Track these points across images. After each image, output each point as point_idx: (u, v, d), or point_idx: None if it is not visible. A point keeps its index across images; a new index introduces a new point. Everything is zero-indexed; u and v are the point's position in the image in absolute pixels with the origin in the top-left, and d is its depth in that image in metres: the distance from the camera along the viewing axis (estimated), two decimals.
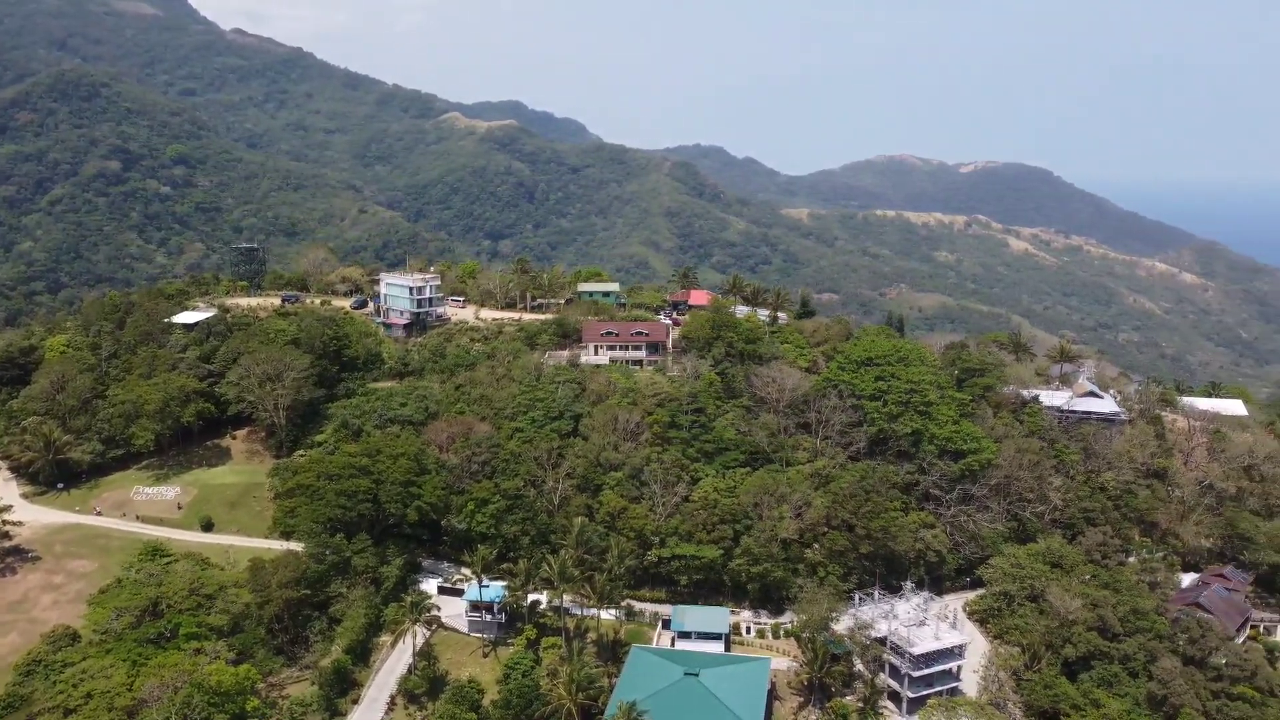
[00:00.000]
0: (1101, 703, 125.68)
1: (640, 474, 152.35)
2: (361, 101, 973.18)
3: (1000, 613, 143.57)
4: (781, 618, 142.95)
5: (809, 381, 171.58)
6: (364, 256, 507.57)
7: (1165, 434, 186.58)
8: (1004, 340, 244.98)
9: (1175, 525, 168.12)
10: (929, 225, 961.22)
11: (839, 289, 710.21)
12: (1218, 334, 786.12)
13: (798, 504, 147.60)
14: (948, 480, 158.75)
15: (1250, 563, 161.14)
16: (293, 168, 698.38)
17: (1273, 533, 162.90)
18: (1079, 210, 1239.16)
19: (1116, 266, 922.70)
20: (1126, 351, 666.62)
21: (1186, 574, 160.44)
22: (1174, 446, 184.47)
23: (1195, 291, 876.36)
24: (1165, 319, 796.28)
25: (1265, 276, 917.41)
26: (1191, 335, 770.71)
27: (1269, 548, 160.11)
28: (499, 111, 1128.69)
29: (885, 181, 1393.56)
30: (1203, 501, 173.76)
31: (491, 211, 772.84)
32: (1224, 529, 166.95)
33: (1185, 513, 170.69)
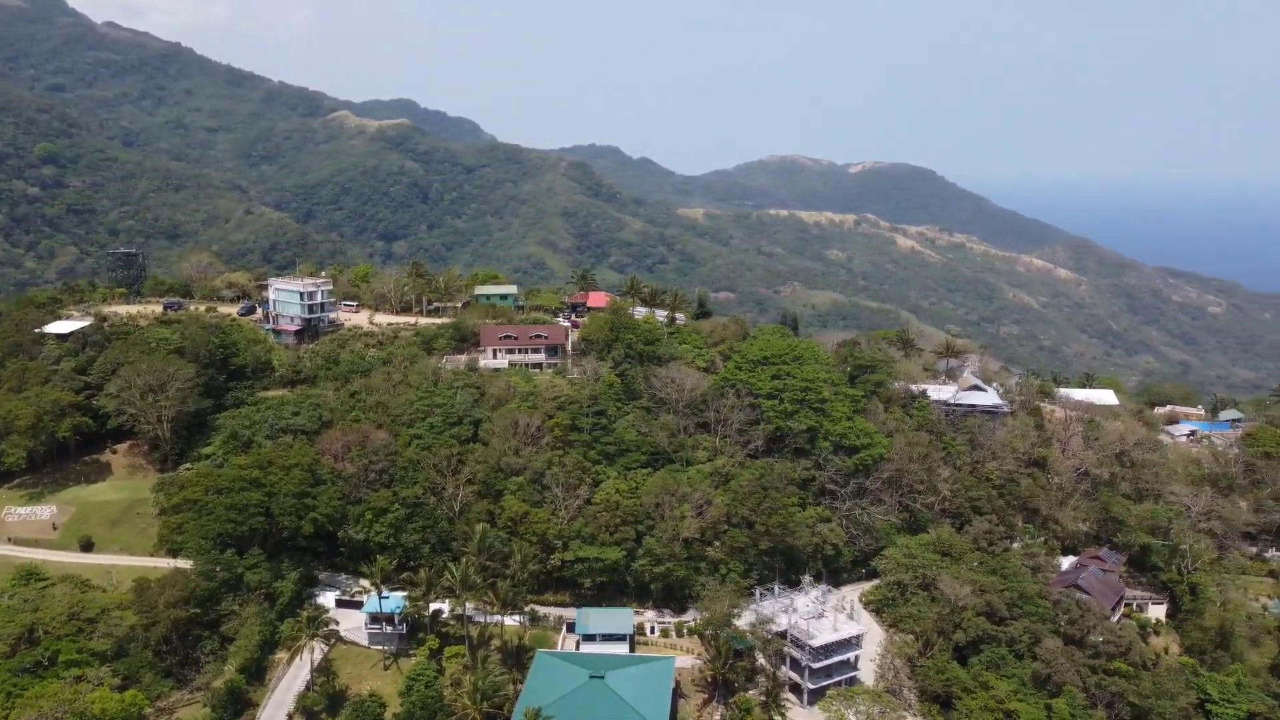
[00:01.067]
0: (990, 684, 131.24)
1: (542, 478, 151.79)
2: (245, 99, 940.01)
3: (894, 602, 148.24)
4: (685, 616, 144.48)
5: (707, 381, 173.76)
6: (251, 259, 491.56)
7: (1044, 424, 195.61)
8: (893, 337, 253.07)
9: (1055, 511, 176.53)
10: (820, 224, 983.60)
11: (735, 287, 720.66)
12: (1090, 326, 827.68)
13: (699, 503, 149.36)
14: (842, 475, 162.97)
15: (1123, 544, 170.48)
16: (173, 167, 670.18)
17: (1143, 515, 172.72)
18: (961, 209, 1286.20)
19: (997, 263, 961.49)
20: (1008, 344, 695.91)
21: (1066, 557, 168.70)
22: (1052, 436, 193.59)
23: (1069, 286, 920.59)
24: (1043, 313, 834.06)
25: (1132, 271, 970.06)
26: (1067, 328, 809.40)
27: (1139, 529, 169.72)
28: (390, 110, 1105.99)
29: (778, 181, 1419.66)
30: (1079, 488, 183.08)
31: (384, 212, 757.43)
32: (1099, 513, 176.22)
33: (1064, 499, 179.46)
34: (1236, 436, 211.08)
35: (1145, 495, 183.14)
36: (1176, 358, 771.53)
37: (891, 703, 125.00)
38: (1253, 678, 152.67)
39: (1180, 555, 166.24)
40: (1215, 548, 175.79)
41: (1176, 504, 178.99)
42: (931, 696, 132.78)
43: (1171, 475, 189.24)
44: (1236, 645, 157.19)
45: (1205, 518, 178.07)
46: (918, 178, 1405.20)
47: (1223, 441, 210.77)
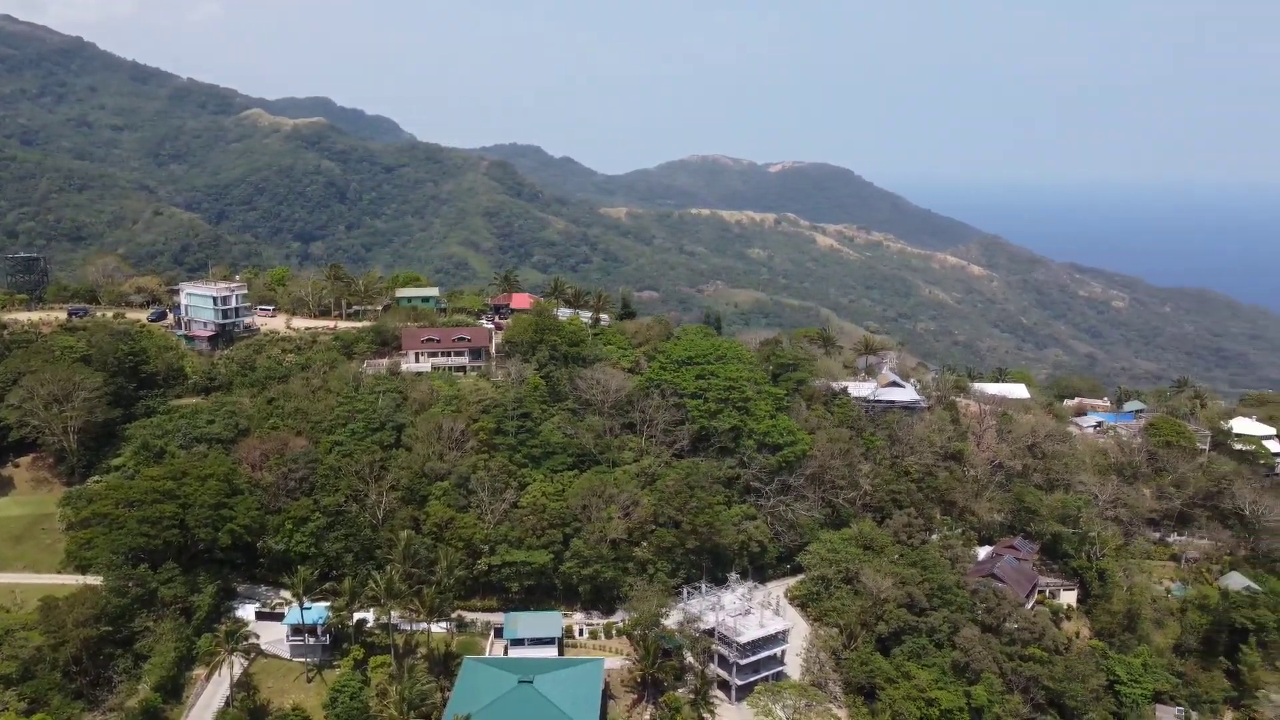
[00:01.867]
0: (912, 674, 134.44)
1: (467, 482, 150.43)
2: (153, 96, 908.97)
3: (819, 596, 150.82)
4: (613, 617, 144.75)
5: (632, 382, 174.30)
6: (161, 262, 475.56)
7: (960, 419, 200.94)
8: (814, 335, 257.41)
9: (971, 503, 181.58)
10: (742, 223, 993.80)
11: (658, 286, 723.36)
12: (1002, 321, 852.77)
13: (625, 504, 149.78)
14: (767, 472, 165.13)
15: (1036, 533, 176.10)
16: (76, 167, 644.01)
17: (1054, 505, 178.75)
18: (879, 208, 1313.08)
19: (913, 260, 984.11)
20: (924, 340, 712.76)
21: (982, 547, 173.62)
22: (968, 430, 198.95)
23: (982, 282, 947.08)
24: (957, 308, 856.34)
25: (1040, 267, 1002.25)
26: (980, 323, 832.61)
27: (1051, 519, 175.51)
28: (305, 108, 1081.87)
29: (699, 181, 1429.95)
30: (994, 479, 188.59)
31: (301, 212, 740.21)
32: (1012, 503, 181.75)
33: (979, 490, 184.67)
34: (1140, 427, 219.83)
35: (1056, 485, 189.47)
36: (1083, 350, 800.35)
37: (817, 696, 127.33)
38: (1157, 658, 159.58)
39: (1089, 542, 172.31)
40: (1121, 534, 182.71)
41: (1085, 493, 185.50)
42: (856, 688, 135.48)
43: (1080, 465, 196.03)
44: (1142, 627, 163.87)
45: (1112, 506, 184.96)
46: (836, 177, 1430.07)
47: (1127, 432, 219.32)
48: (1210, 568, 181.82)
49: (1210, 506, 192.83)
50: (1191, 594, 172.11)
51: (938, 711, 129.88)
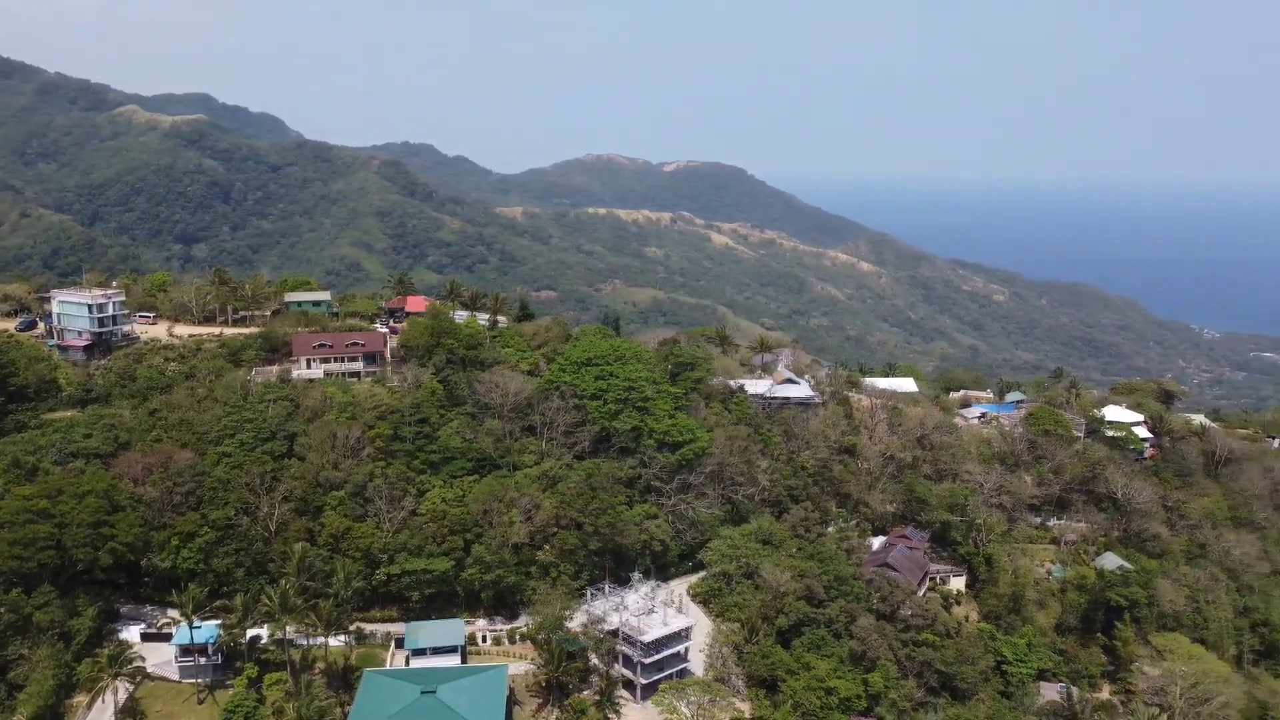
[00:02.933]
0: (812, 664, 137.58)
1: (364, 491, 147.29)
2: (17, 91, 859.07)
3: (721, 592, 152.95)
4: (517, 622, 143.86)
5: (532, 384, 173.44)
6: (29, 266, 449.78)
7: (853, 413, 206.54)
8: (712, 334, 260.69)
9: (865, 494, 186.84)
10: (638, 222, 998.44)
11: (556, 286, 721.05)
12: (891, 316, 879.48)
13: (527, 507, 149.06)
14: (667, 471, 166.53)
15: (926, 522, 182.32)
16: None
17: (942, 494, 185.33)
18: (771, 206, 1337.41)
19: (805, 258, 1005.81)
20: (818, 335, 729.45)
21: (876, 537, 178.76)
22: (860, 424, 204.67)
23: (872, 278, 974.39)
24: (848, 304, 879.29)
25: (926, 263, 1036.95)
26: (870, 318, 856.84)
27: (940, 507, 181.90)
28: (185, 105, 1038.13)
29: (595, 180, 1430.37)
30: (886, 471, 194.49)
31: (182, 213, 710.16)
32: (904, 494, 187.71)
33: (872, 483, 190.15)
34: (1020, 416, 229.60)
35: (944, 475, 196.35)
36: (967, 343, 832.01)
37: (721, 691, 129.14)
38: (1040, 637, 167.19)
39: (976, 529, 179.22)
40: (1005, 520, 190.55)
41: (971, 482, 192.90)
42: (758, 681, 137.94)
43: (966, 456, 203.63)
44: (1026, 609, 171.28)
45: (996, 493, 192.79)
46: (729, 176, 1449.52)
47: (1009, 421, 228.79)
48: (1087, 549, 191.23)
49: (1086, 491, 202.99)
50: (1070, 575, 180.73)
51: (836, 700, 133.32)
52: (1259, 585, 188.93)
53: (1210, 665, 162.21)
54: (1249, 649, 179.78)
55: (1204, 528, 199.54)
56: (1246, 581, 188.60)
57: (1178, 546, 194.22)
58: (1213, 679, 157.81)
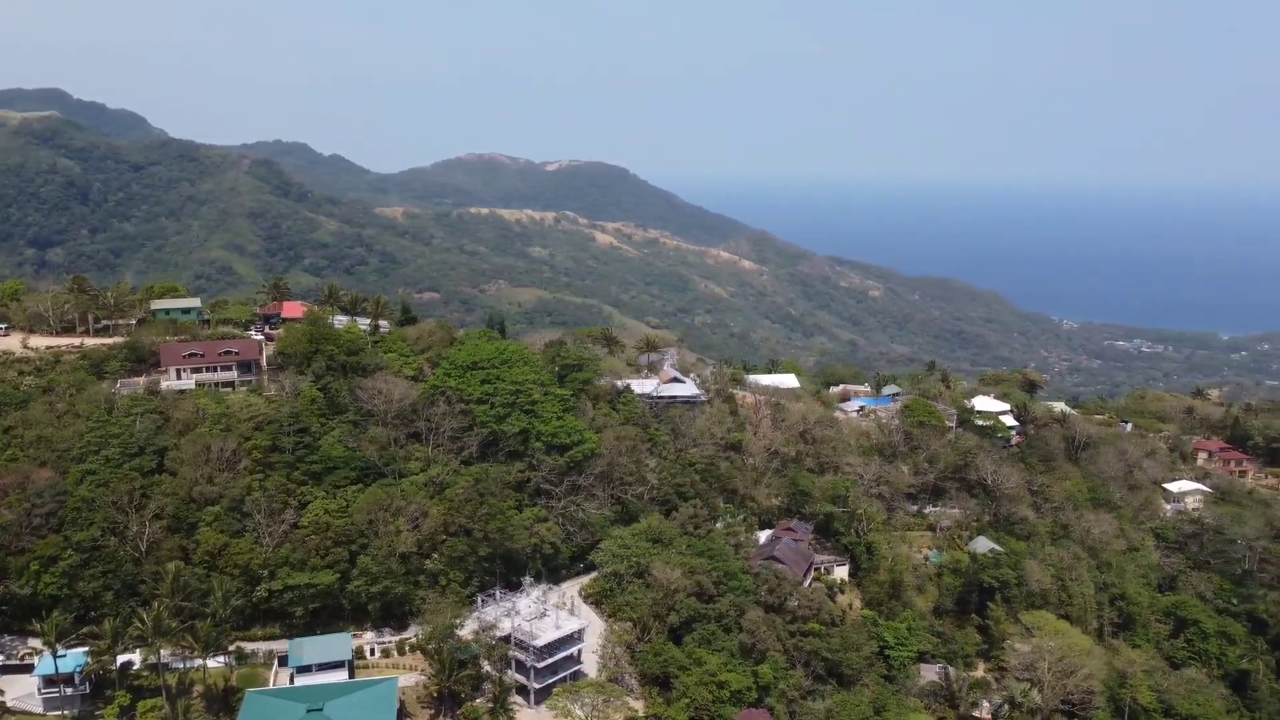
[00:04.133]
0: (703, 660, 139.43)
1: (241, 505, 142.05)
2: None
3: (612, 592, 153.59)
4: (406, 633, 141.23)
5: (416, 390, 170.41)
6: None
7: (738, 410, 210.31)
8: (598, 335, 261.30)
9: (751, 489, 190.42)
10: (522, 222, 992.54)
11: (439, 287, 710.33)
12: (773, 312, 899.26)
13: (414, 515, 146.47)
14: (556, 474, 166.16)
15: (810, 514, 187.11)
16: None
17: (825, 487, 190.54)
18: (653, 205, 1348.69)
19: (689, 256, 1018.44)
20: (702, 333, 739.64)
21: (763, 531, 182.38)
22: (745, 420, 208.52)
23: (753, 276, 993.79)
24: (731, 301, 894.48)
25: (805, 261, 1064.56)
26: (753, 315, 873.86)
27: (823, 499, 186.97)
28: (36, 101, 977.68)
29: (477, 179, 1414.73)
30: (771, 466, 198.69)
31: (35, 216, 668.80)
32: (789, 487, 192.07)
33: (758, 478, 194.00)
34: (897, 409, 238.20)
35: (826, 468, 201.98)
36: (846, 337, 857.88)
37: (615, 690, 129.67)
38: (920, 621, 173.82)
39: (857, 519, 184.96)
40: (885, 509, 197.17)
41: (852, 474, 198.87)
42: (651, 679, 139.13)
43: (847, 448, 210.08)
44: (906, 594, 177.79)
45: (876, 484, 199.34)
46: (612, 176, 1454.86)
47: (886, 414, 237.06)
48: (961, 534, 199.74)
49: (959, 479, 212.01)
50: (946, 559, 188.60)
51: (728, 693, 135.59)
52: (1116, 561, 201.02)
53: (1075, 639, 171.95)
54: (1109, 622, 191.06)
55: (1066, 509, 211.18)
56: (1105, 559, 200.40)
57: (1043, 528, 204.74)
58: (1077, 652, 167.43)
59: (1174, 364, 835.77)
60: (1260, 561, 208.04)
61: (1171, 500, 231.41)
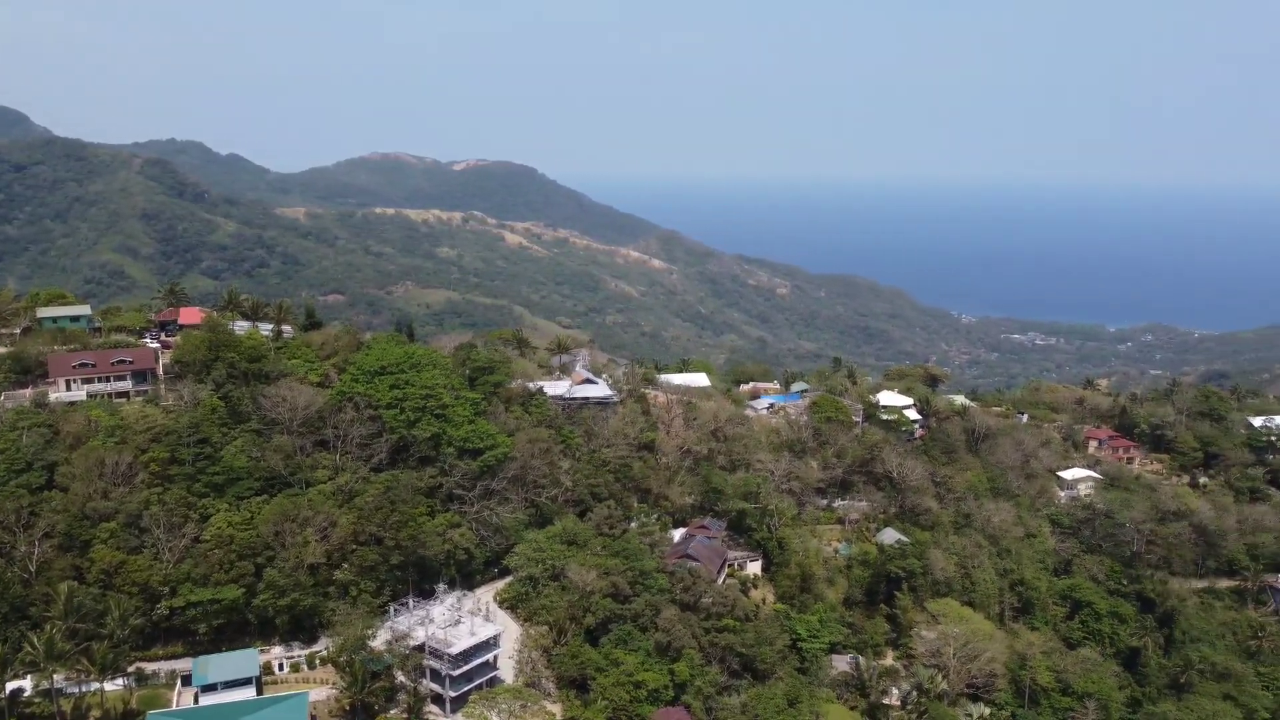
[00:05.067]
0: (620, 660, 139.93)
1: (139, 520, 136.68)
2: None
3: (528, 596, 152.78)
4: (316, 646, 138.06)
5: (323, 396, 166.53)
6: None
7: (650, 410, 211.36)
8: (508, 336, 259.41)
9: (664, 489, 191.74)
10: (429, 222, 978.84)
11: (345, 289, 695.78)
12: (683, 311, 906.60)
13: (322, 525, 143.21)
14: (469, 478, 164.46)
15: (723, 511, 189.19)
16: None
17: (737, 484, 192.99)
18: (563, 205, 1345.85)
19: (599, 256, 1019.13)
20: (614, 332, 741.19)
21: (677, 529, 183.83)
22: (658, 420, 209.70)
23: (663, 275, 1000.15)
24: (642, 300, 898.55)
25: (714, 260, 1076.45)
26: (664, 314, 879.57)
27: (735, 497, 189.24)
28: None
29: (382, 179, 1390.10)
30: (683, 465, 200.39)
31: None
32: (701, 485, 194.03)
33: (671, 476, 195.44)
34: (805, 405, 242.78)
35: (738, 465, 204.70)
36: (755, 335, 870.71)
37: (531, 695, 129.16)
38: (830, 612, 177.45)
39: (769, 515, 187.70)
40: (795, 504, 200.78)
41: (763, 470, 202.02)
42: (569, 681, 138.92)
43: (757, 445, 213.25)
44: (817, 587, 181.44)
45: (786, 479, 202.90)
46: (521, 175, 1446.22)
47: (795, 411, 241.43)
48: (869, 526, 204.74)
49: (866, 472, 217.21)
50: (855, 552, 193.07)
51: (645, 692, 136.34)
52: (1015, 548, 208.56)
53: (978, 625, 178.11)
54: (1009, 606, 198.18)
55: (968, 499, 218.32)
56: (1005, 546, 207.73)
57: (947, 518, 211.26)
58: (980, 637, 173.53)
59: (1066, 355, 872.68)
60: (1147, 543, 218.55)
61: (1065, 487, 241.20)
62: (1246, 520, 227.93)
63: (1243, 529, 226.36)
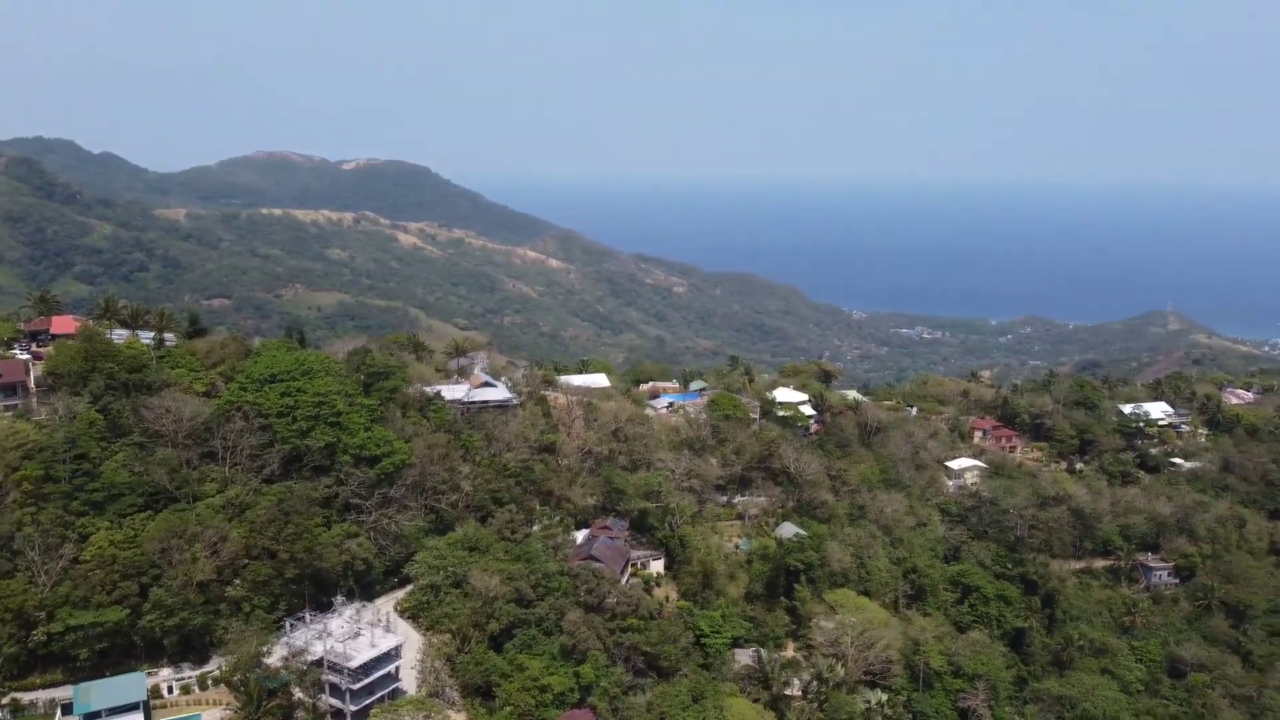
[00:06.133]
0: (525, 665, 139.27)
1: (11, 542, 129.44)
2: None
3: (430, 605, 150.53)
4: (208, 666, 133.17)
5: (210, 407, 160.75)
6: None
7: (551, 412, 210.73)
8: (404, 341, 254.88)
9: (566, 490, 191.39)
10: (318, 223, 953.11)
11: (230, 293, 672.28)
12: (582, 310, 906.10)
13: (212, 541, 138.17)
14: (366, 487, 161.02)
15: (625, 511, 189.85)
16: None
17: (638, 483, 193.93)
18: (457, 204, 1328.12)
19: (495, 256, 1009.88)
20: (512, 333, 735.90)
21: (580, 531, 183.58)
22: (559, 421, 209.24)
23: (561, 275, 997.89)
24: (540, 301, 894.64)
25: (611, 259, 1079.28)
26: (562, 313, 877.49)
27: (637, 496, 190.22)
28: None
29: (268, 179, 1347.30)
30: (585, 466, 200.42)
31: None
32: (603, 486, 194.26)
33: (573, 478, 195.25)
34: (704, 404, 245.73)
35: (639, 465, 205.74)
36: (653, 334, 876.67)
37: (435, 706, 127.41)
38: (732, 607, 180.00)
39: (670, 513, 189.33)
40: (696, 502, 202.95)
41: (664, 469, 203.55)
42: (473, 689, 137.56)
43: (658, 444, 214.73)
44: (718, 583, 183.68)
45: (687, 477, 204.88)
46: (414, 175, 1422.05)
47: (694, 409, 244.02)
48: (768, 521, 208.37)
49: (764, 468, 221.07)
50: (755, 546, 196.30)
51: (551, 696, 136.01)
52: (907, 537, 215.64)
53: (873, 613, 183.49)
54: (903, 594, 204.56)
55: (862, 492, 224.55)
56: (898, 535, 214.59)
57: (842, 510, 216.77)
58: (876, 625, 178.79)
59: (951, 349, 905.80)
60: (1029, 528, 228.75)
61: (953, 477, 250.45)
62: (1119, 503, 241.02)
63: (1116, 511, 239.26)
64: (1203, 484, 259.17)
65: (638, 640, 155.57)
